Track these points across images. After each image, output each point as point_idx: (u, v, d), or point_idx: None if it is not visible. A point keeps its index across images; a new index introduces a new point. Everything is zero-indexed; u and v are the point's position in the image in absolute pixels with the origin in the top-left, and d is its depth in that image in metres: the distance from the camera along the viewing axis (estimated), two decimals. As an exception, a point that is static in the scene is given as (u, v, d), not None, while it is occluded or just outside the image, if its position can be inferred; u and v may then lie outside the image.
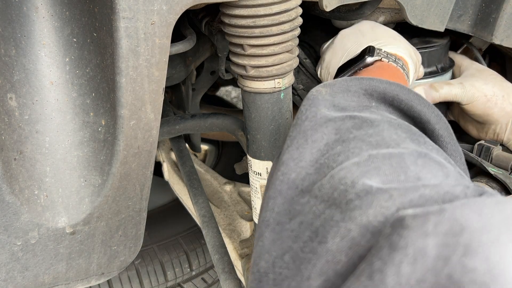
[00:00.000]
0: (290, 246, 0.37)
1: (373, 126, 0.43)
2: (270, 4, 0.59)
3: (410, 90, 0.49)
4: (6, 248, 0.61)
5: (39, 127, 0.59)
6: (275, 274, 0.37)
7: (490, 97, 0.75)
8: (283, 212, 0.40)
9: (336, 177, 0.38)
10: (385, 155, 0.39)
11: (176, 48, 0.65)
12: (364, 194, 0.35)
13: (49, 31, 0.56)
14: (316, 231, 0.36)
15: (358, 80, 0.50)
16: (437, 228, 0.27)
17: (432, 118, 0.48)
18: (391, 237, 0.28)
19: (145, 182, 0.66)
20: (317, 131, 0.43)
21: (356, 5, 0.76)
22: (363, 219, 0.33)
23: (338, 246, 0.34)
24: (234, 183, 1.11)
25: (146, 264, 1.30)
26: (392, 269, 0.27)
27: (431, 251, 0.26)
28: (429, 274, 0.26)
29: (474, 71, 0.80)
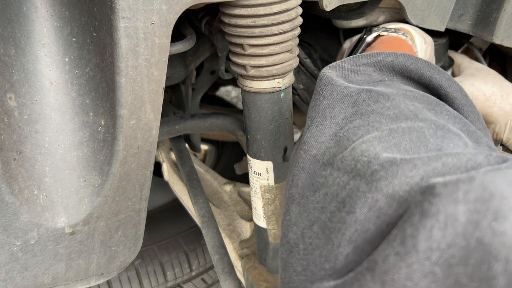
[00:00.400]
0: (318, 216, 0.38)
1: (390, 99, 0.44)
2: (270, 4, 0.59)
3: (417, 58, 0.49)
4: (5, 248, 0.61)
5: (39, 127, 0.59)
6: (305, 244, 0.38)
7: (489, 96, 0.75)
8: (307, 186, 0.41)
9: (358, 149, 0.38)
10: (405, 129, 0.40)
11: (176, 48, 0.65)
12: (389, 165, 0.36)
13: (48, 31, 0.56)
14: (343, 201, 0.37)
15: (365, 58, 0.50)
16: (467, 195, 0.28)
17: (443, 82, 0.48)
18: (422, 204, 0.29)
19: (144, 182, 0.66)
20: (335, 107, 0.44)
21: (356, 5, 0.76)
22: (389, 189, 0.34)
23: (366, 216, 0.35)
24: (234, 183, 1.11)
25: (146, 265, 1.30)
26: (423, 234, 0.28)
27: (462, 217, 0.27)
28: (459, 238, 0.27)
29: (473, 70, 0.80)
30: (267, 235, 0.80)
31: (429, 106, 0.45)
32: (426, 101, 0.45)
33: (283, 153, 0.73)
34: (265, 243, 0.82)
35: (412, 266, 0.28)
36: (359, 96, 0.44)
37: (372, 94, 0.44)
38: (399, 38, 0.67)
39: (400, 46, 0.66)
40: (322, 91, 0.46)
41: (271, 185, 0.75)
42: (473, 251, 0.27)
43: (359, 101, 0.44)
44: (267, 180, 0.74)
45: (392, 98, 0.44)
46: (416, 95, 0.46)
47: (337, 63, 0.50)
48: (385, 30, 0.68)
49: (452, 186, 0.28)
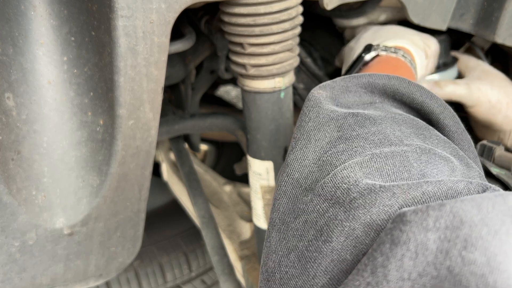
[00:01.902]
0: (295, 245, 0.38)
1: (376, 123, 0.43)
2: (270, 3, 0.58)
3: (410, 82, 0.49)
4: (3, 249, 0.61)
5: (37, 127, 0.58)
6: (281, 273, 0.38)
7: (495, 103, 0.74)
8: (288, 212, 0.41)
9: (338, 175, 0.38)
10: (388, 154, 0.39)
11: (175, 47, 0.64)
12: (368, 193, 0.35)
13: (47, 30, 0.56)
14: (320, 230, 0.36)
15: (356, 78, 0.49)
16: (437, 223, 0.27)
17: (435, 109, 0.48)
18: (392, 232, 0.29)
19: (143, 183, 0.65)
20: (320, 130, 0.43)
21: (357, 4, 0.76)
22: (367, 218, 0.34)
23: (343, 245, 0.34)
24: (234, 184, 1.11)
25: (145, 266, 1.29)
26: (394, 264, 0.28)
27: (432, 245, 0.27)
28: (430, 268, 0.27)
29: (480, 72, 0.79)
30: (267, 235, 0.80)
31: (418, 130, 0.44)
32: (415, 125, 0.45)
33: (283, 153, 0.72)
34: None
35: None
36: (345, 121, 0.44)
37: (359, 118, 0.44)
38: (397, 59, 0.66)
39: (398, 67, 0.65)
40: (309, 112, 0.45)
41: (271, 186, 0.74)
42: (444, 280, 0.26)
43: (345, 125, 0.43)
44: (267, 180, 0.74)
45: (379, 122, 0.43)
46: (405, 119, 0.45)
47: (327, 83, 0.50)
48: (385, 49, 0.67)
49: (422, 213, 0.28)
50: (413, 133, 0.43)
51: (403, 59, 0.66)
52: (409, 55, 0.68)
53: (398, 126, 0.43)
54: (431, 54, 0.73)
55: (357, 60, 0.68)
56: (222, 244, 0.90)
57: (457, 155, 0.43)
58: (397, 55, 0.67)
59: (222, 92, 2.24)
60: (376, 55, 0.67)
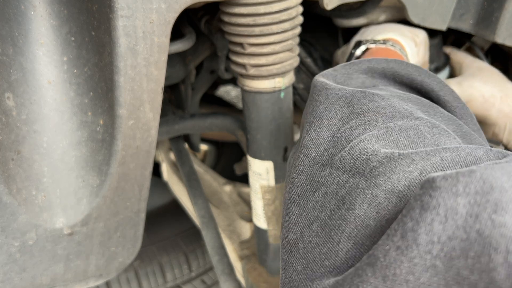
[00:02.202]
0: (317, 215, 0.39)
1: (384, 99, 0.44)
2: (270, 3, 0.58)
3: (408, 64, 0.50)
4: (3, 249, 0.60)
5: (37, 127, 0.58)
6: (305, 242, 0.39)
7: (488, 97, 0.74)
8: (306, 187, 0.42)
9: (356, 147, 0.39)
10: (402, 127, 0.40)
11: (175, 47, 0.64)
12: (387, 161, 0.36)
13: (47, 30, 0.56)
14: (342, 199, 0.37)
15: (356, 65, 0.51)
16: (467, 188, 0.28)
17: (434, 86, 0.49)
18: (422, 197, 0.29)
19: (143, 183, 0.65)
20: (331, 110, 0.45)
21: (357, 4, 0.76)
22: (388, 185, 0.35)
23: (366, 212, 0.35)
24: (234, 184, 1.11)
25: (145, 265, 1.29)
26: (424, 228, 0.28)
27: (462, 210, 0.27)
28: (460, 231, 0.27)
29: (475, 70, 0.79)
30: (267, 236, 0.80)
31: (423, 108, 0.45)
32: (419, 103, 0.46)
33: (284, 153, 0.72)
34: (265, 244, 0.82)
35: (413, 260, 0.28)
36: (354, 96, 0.45)
37: (367, 94, 0.45)
38: (387, 49, 0.68)
39: (389, 56, 0.67)
40: (318, 96, 0.47)
41: (271, 186, 0.74)
42: (473, 243, 0.27)
43: (354, 101, 0.45)
44: (267, 180, 0.74)
45: (386, 98, 0.45)
46: (409, 97, 0.46)
47: (328, 71, 0.51)
48: (373, 42, 0.69)
49: (452, 179, 0.29)
50: (419, 109, 0.44)
51: (392, 48, 0.68)
52: (398, 44, 0.69)
53: (405, 102, 0.45)
54: (420, 42, 0.74)
55: (349, 58, 0.69)
56: (222, 244, 0.90)
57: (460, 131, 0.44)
58: (386, 45, 0.68)
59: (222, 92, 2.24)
60: (366, 49, 0.69)
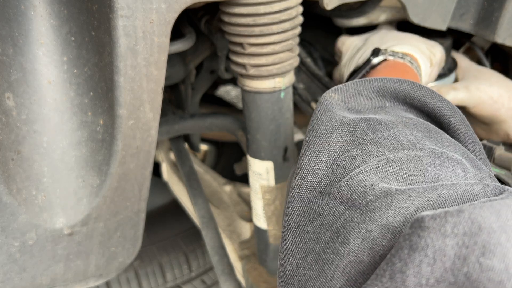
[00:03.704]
0: (312, 247, 0.38)
1: (388, 128, 0.44)
2: (270, 3, 0.58)
3: (421, 86, 0.49)
4: (3, 249, 0.60)
5: (37, 127, 0.58)
6: (299, 275, 0.38)
7: (497, 98, 0.74)
8: (303, 215, 0.41)
9: (354, 179, 0.38)
10: (402, 159, 0.39)
11: (175, 47, 0.64)
12: (384, 196, 0.35)
13: (47, 30, 0.56)
14: (337, 232, 0.37)
15: (368, 83, 0.50)
16: (456, 229, 0.27)
17: (446, 112, 0.48)
18: (411, 237, 0.29)
19: (143, 183, 0.65)
20: (333, 134, 0.44)
21: (357, 4, 0.76)
22: (383, 220, 0.34)
23: (359, 247, 0.34)
24: (234, 184, 1.11)
25: (145, 265, 1.29)
26: (412, 269, 0.28)
27: (450, 252, 0.27)
28: (448, 274, 0.27)
29: (475, 72, 0.79)
30: (267, 236, 0.80)
31: (429, 134, 0.45)
32: (425, 129, 0.45)
33: (283, 153, 0.72)
34: (265, 244, 0.81)
35: None
36: (358, 125, 0.44)
37: (371, 123, 0.44)
38: (404, 64, 0.67)
39: (405, 72, 0.66)
40: (321, 115, 0.46)
41: (271, 186, 0.74)
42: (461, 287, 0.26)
43: (358, 130, 0.44)
44: (267, 180, 0.74)
45: (390, 127, 0.44)
46: (415, 123, 0.46)
47: (339, 87, 0.50)
48: (392, 54, 0.68)
49: (440, 219, 0.28)
50: (424, 136, 0.44)
51: (409, 65, 0.67)
52: (416, 62, 0.69)
53: (410, 130, 0.44)
54: (436, 63, 0.74)
55: (365, 63, 0.68)
56: (222, 244, 0.90)
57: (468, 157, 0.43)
58: (404, 60, 0.68)
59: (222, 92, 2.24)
60: (384, 59, 0.68)
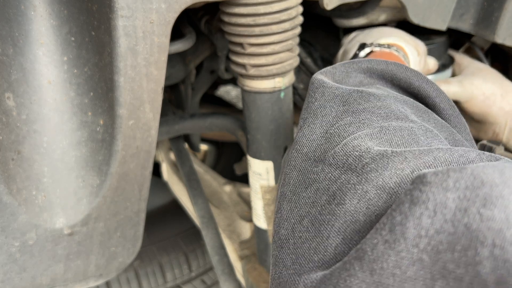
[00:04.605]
0: (308, 211, 0.39)
1: (381, 99, 0.44)
2: (270, 3, 0.58)
3: (407, 68, 0.50)
4: (3, 249, 0.60)
5: (37, 127, 0.58)
6: (295, 238, 0.39)
7: (489, 95, 0.74)
8: (298, 183, 0.42)
9: (349, 144, 0.39)
10: (396, 127, 0.40)
11: (175, 47, 0.64)
12: (380, 158, 0.36)
13: (47, 30, 0.56)
14: (333, 194, 0.37)
15: (355, 64, 0.51)
16: (458, 183, 0.28)
17: (431, 93, 0.49)
18: (412, 192, 0.29)
19: (143, 183, 0.65)
20: (326, 106, 0.45)
21: (357, 4, 0.76)
22: (379, 181, 0.35)
23: (355, 207, 0.35)
24: (234, 184, 1.11)
25: (145, 265, 1.29)
26: (412, 221, 0.28)
27: (451, 204, 0.27)
28: (448, 225, 0.27)
29: (474, 69, 0.79)
30: (267, 236, 0.80)
31: (417, 112, 0.46)
32: (415, 107, 0.46)
33: (283, 153, 0.72)
34: (265, 244, 0.81)
35: (400, 254, 0.28)
36: (350, 96, 0.45)
37: (363, 94, 0.45)
38: (391, 53, 0.68)
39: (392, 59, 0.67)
40: (314, 93, 0.47)
41: (271, 186, 0.74)
42: (460, 237, 0.27)
43: (350, 100, 0.45)
44: (267, 180, 0.74)
45: (383, 99, 0.45)
46: (405, 100, 0.47)
47: (327, 69, 0.51)
48: (378, 45, 0.69)
49: (443, 175, 0.29)
50: (413, 113, 0.44)
51: (396, 54, 0.68)
52: (402, 51, 0.70)
53: (401, 104, 0.45)
54: (422, 52, 0.75)
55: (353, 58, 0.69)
56: (222, 244, 0.90)
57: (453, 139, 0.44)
58: (391, 50, 0.68)
59: (222, 92, 2.24)
60: (370, 52, 0.69)
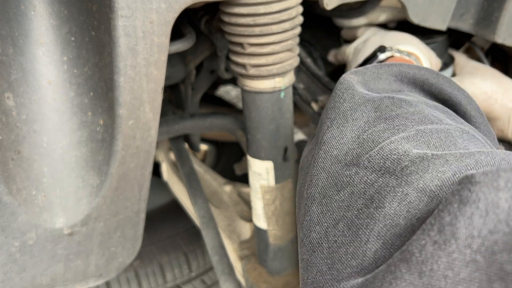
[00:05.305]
0: (343, 215, 0.38)
1: (413, 105, 0.44)
2: (270, 3, 0.58)
3: (438, 74, 0.50)
4: (3, 249, 0.60)
5: (37, 127, 0.58)
6: (330, 242, 0.38)
7: (490, 94, 0.74)
8: (329, 186, 0.41)
9: (386, 148, 0.38)
10: (432, 130, 0.40)
11: (175, 47, 0.64)
12: (420, 160, 0.35)
13: (47, 30, 0.56)
14: (371, 198, 0.36)
15: (388, 67, 0.50)
16: (509, 183, 0.27)
17: (463, 100, 0.48)
18: (461, 192, 0.29)
19: (143, 183, 0.65)
20: (357, 110, 0.44)
21: (357, 4, 0.76)
22: (420, 183, 0.34)
23: (395, 210, 0.34)
24: (234, 184, 1.11)
25: (145, 266, 1.29)
26: (463, 222, 0.28)
27: (504, 204, 0.27)
28: (502, 225, 0.27)
29: (471, 68, 0.79)
30: (267, 236, 0.80)
31: (450, 117, 0.45)
32: (446, 112, 0.45)
33: (283, 153, 0.72)
34: (265, 244, 0.81)
35: (452, 255, 0.28)
36: (382, 102, 0.44)
37: (395, 100, 0.45)
38: (410, 61, 0.68)
39: None
40: (343, 94, 0.46)
41: (271, 186, 0.74)
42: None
43: (382, 106, 0.44)
44: (267, 180, 0.74)
45: (415, 104, 0.44)
46: (436, 105, 0.46)
47: (359, 69, 0.50)
48: (398, 51, 0.69)
49: (493, 174, 0.28)
50: (447, 117, 0.44)
51: (415, 63, 0.69)
52: (419, 61, 0.70)
53: (432, 110, 0.44)
54: (435, 64, 0.75)
55: (372, 58, 0.69)
56: (222, 244, 0.90)
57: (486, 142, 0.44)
58: (410, 58, 0.69)
59: (222, 92, 2.24)
60: (391, 56, 0.69)
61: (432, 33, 0.81)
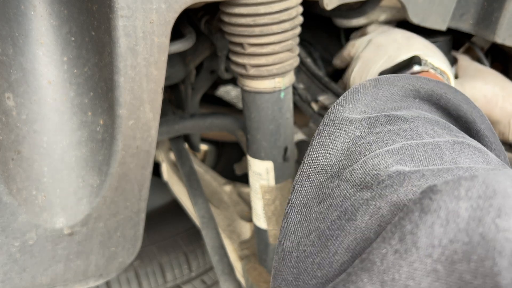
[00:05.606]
0: (317, 226, 0.37)
1: (408, 122, 0.43)
2: (270, 3, 0.58)
3: (457, 90, 0.49)
4: (3, 249, 0.60)
5: (37, 127, 0.58)
6: (299, 252, 0.37)
7: (490, 97, 0.75)
8: (311, 196, 0.40)
9: (369, 163, 0.38)
10: (419, 144, 0.39)
11: (175, 47, 0.64)
12: (396, 175, 0.35)
13: (47, 30, 0.56)
14: (345, 210, 0.36)
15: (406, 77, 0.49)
16: (470, 192, 0.27)
17: (477, 118, 0.48)
18: (422, 201, 0.29)
19: (143, 183, 0.65)
20: (352, 122, 0.44)
21: (357, 4, 0.76)
22: (394, 197, 0.33)
23: (367, 224, 0.34)
24: (234, 184, 1.11)
25: (145, 265, 1.29)
26: (424, 230, 0.27)
27: (464, 213, 0.27)
28: (462, 234, 0.27)
29: (473, 71, 0.79)
30: (267, 236, 0.80)
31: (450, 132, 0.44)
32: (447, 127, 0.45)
33: (283, 153, 0.72)
34: (265, 244, 0.81)
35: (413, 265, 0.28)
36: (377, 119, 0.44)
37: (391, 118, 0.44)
38: (442, 80, 0.68)
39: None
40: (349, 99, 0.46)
41: (271, 186, 0.74)
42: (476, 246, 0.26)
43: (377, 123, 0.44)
44: (267, 180, 0.74)
45: (411, 121, 0.43)
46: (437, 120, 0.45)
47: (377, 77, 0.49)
48: (433, 68, 0.68)
49: (454, 183, 0.28)
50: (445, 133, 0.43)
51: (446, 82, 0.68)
52: (449, 82, 0.70)
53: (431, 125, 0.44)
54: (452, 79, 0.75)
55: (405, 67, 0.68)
56: (222, 244, 0.90)
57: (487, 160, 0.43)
58: (443, 78, 0.68)
59: (222, 92, 2.24)
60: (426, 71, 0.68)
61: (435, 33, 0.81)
